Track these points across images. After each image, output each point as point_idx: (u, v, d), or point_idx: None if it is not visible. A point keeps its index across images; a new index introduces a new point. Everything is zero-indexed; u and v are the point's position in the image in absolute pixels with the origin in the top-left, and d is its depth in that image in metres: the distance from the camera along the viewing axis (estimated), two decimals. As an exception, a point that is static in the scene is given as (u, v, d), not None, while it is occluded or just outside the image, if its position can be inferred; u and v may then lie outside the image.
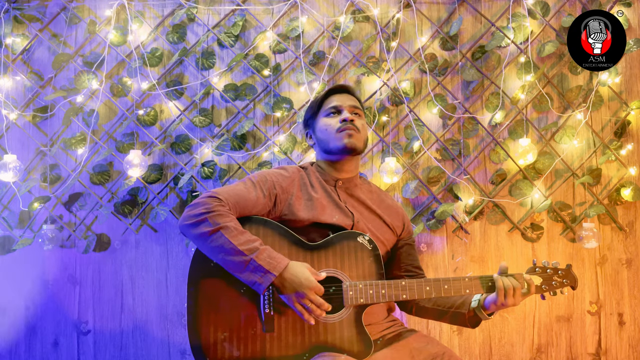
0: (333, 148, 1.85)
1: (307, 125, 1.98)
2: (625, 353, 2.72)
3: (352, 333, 1.67)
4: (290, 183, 1.83)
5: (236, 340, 1.65)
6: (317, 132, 1.91)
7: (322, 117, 1.90)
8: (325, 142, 1.87)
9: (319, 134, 1.89)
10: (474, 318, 1.76)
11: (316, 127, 1.91)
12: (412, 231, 2.03)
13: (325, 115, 1.89)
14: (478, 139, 2.78)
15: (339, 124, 1.85)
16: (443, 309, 1.82)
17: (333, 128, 1.85)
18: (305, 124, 1.99)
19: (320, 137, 1.89)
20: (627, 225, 2.75)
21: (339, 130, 1.84)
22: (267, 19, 2.80)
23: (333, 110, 1.88)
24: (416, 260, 1.96)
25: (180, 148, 2.76)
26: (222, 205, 1.65)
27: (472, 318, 1.76)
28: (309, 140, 1.98)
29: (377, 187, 2.03)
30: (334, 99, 1.91)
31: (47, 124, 2.79)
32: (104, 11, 2.77)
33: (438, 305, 1.84)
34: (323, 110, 1.90)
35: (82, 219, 2.76)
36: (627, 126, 2.75)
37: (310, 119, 1.95)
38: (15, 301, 2.77)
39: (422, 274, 1.96)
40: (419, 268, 1.96)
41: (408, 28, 2.79)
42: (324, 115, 1.89)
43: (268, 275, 1.57)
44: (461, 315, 1.78)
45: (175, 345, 2.74)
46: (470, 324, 1.78)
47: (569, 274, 1.75)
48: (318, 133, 1.90)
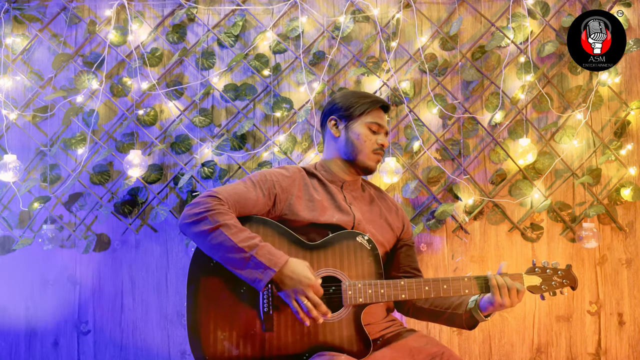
0: (360, 161, 1.87)
1: (338, 116, 1.91)
2: (625, 353, 2.72)
3: (351, 332, 1.67)
4: (290, 183, 1.83)
5: (235, 339, 1.65)
6: (351, 133, 1.87)
7: (364, 124, 1.87)
8: (355, 150, 1.87)
9: (353, 137, 1.87)
10: (471, 320, 1.75)
11: (353, 127, 1.88)
12: (412, 232, 2.03)
13: (369, 127, 1.87)
14: (478, 139, 2.78)
15: (376, 144, 1.87)
16: (440, 310, 1.82)
17: (371, 144, 1.87)
18: (335, 113, 1.91)
19: (352, 141, 1.87)
20: (627, 225, 2.75)
21: (374, 152, 1.88)
22: (267, 19, 2.80)
23: (376, 127, 1.88)
24: (415, 261, 1.96)
25: (180, 148, 2.77)
26: (222, 204, 1.65)
27: (468, 319, 1.76)
28: (332, 129, 1.91)
29: (378, 188, 2.04)
30: (381, 116, 1.92)
31: (47, 124, 2.79)
32: (104, 11, 2.77)
33: (435, 306, 1.84)
34: (368, 119, 1.88)
35: (82, 219, 2.76)
36: (627, 126, 2.75)
37: (347, 114, 1.88)
38: (15, 301, 2.77)
39: (421, 275, 1.95)
40: (417, 270, 1.96)
41: (408, 28, 2.79)
42: (366, 125, 1.87)
43: (268, 271, 1.57)
44: (458, 317, 1.78)
45: (175, 345, 2.74)
46: (466, 326, 1.77)
47: (568, 274, 1.74)
48: (352, 135, 1.87)
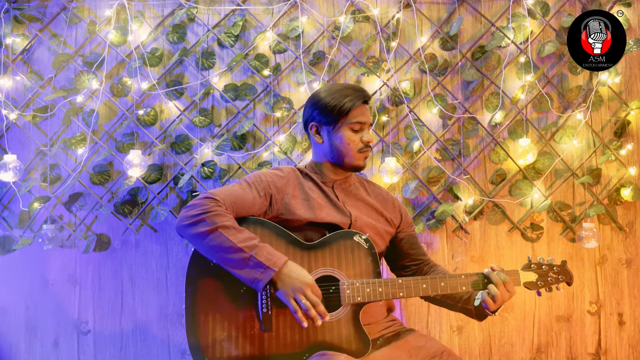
0: (347, 163, 1.84)
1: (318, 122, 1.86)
2: (625, 353, 2.72)
3: (350, 332, 1.67)
4: (285, 183, 1.83)
5: (234, 339, 1.65)
6: (334, 139, 1.83)
7: (346, 127, 1.82)
8: (340, 154, 1.83)
9: (337, 143, 1.83)
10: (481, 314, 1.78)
11: (335, 133, 1.83)
12: (411, 220, 2.02)
13: (351, 129, 1.82)
14: (478, 139, 2.78)
15: (361, 143, 1.83)
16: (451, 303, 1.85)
17: (355, 146, 1.82)
18: (315, 119, 1.87)
19: (337, 146, 1.83)
20: (627, 225, 2.75)
21: (360, 151, 1.83)
22: (267, 19, 2.80)
23: (358, 127, 1.83)
24: (420, 248, 1.98)
25: (180, 148, 2.77)
26: (219, 205, 1.65)
27: (478, 314, 1.79)
28: (315, 136, 1.88)
29: (370, 182, 2.03)
30: (363, 111, 1.84)
31: (47, 124, 2.79)
32: (104, 11, 2.77)
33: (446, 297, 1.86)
34: (349, 121, 1.82)
35: (82, 219, 2.76)
36: (627, 126, 2.75)
37: (326, 121, 1.83)
38: (15, 301, 2.77)
39: (429, 260, 1.98)
40: (424, 255, 1.98)
41: (408, 28, 2.79)
42: (348, 126, 1.82)
43: (268, 271, 1.58)
44: (468, 311, 1.81)
45: (175, 345, 2.75)
46: (477, 318, 1.81)
47: (564, 270, 1.76)
48: (335, 140, 1.83)
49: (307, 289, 1.59)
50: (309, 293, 1.60)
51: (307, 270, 1.65)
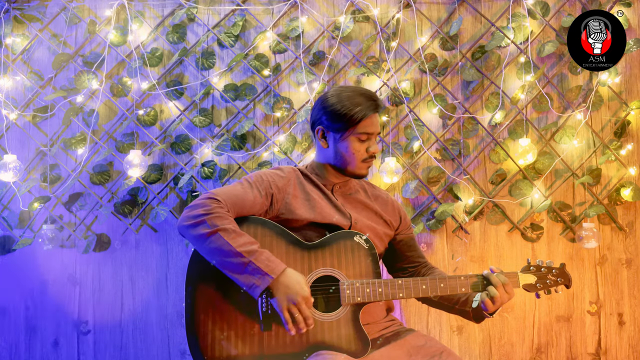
0: (349, 171, 1.83)
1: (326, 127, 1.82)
2: (625, 353, 2.72)
3: (349, 332, 1.67)
4: (286, 182, 1.83)
5: (234, 339, 1.65)
6: (340, 146, 1.80)
7: (353, 137, 1.79)
8: (344, 162, 1.82)
9: (342, 150, 1.80)
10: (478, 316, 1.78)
11: (341, 141, 1.80)
12: (410, 223, 2.02)
13: (358, 139, 1.79)
14: (478, 139, 2.78)
15: (366, 154, 1.80)
16: (448, 305, 1.85)
17: (360, 155, 1.80)
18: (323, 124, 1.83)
19: (341, 154, 1.81)
20: (627, 225, 2.75)
21: (364, 161, 1.81)
22: (267, 19, 2.80)
23: (365, 137, 1.80)
24: (418, 250, 1.98)
25: (180, 148, 2.77)
26: (221, 206, 1.65)
27: (476, 315, 1.79)
28: (321, 140, 1.85)
29: (370, 184, 2.02)
30: (373, 121, 1.81)
31: (47, 124, 2.79)
32: (104, 11, 2.77)
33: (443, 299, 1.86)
34: (357, 131, 1.78)
35: (82, 219, 2.76)
36: (627, 126, 2.75)
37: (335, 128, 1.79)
38: (15, 301, 2.77)
39: (427, 262, 1.97)
40: (422, 258, 1.98)
41: (408, 28, 2.79)
42: (356, 136, 1.79)
43: (266, 278, 1.57)
44: (466, 313, 1.81)
45: (175, 345, 2.75)
46: (475, 320, 1.80)
47: (562, 273, 1.76)
48: (341, 148, 1.80)
49: (302, 302, 1.59)
50: (303, 307, 1.59)
51: (307, 270, 1.65)
